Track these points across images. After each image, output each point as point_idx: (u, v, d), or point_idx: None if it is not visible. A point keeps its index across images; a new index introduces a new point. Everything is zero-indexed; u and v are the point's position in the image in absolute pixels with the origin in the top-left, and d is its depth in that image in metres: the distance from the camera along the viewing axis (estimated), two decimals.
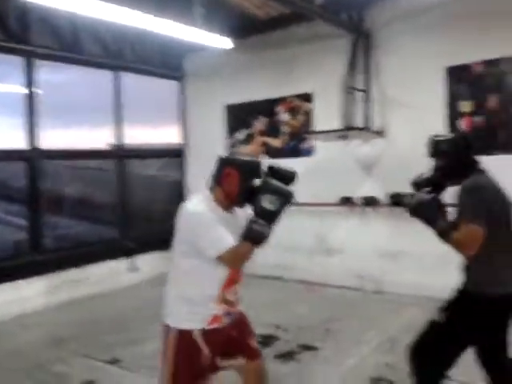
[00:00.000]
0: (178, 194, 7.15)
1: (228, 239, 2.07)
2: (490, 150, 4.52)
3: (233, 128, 6.63)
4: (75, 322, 4.85)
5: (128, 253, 6.27)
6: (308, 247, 5.93)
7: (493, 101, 4.75)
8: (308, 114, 5.91)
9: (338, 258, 5.75)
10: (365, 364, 3.49)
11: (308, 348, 3.84)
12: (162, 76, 6.88)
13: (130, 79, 6.41)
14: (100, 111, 6.23)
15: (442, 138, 2.49)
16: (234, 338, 2.26)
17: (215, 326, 2.18)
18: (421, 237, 3.05)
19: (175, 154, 7.16)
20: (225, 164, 2.19)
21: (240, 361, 2.29)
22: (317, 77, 5.79)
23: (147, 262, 6.46)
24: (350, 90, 5.35)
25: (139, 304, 5.46)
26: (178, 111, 7.17)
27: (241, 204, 2.22)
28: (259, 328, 4.34)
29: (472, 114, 4.85)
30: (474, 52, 4.82)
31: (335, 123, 5.36)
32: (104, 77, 6.19)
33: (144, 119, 6.73)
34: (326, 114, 5.66)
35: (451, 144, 2.42)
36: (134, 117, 6.49)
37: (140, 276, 6.32)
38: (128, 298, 5.71)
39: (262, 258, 6.14)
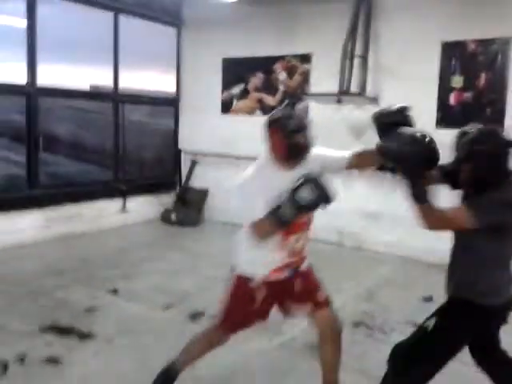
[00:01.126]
0: (170, 142, 7.31)
1: (253, 213, 2.17)
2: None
3: (229, 82, 6.74)
4: (71, 256, 5.11)
5: (120, 194, 6.47)
6: None
7: (483, 78, 5.03)
8: (305, 75, 6.08)
9: (321, 214, 6.07)
10: (345, 310, 3.85)
11: None
12: (161, 22, 6.87)
13: (129, 23, 6.40)
14: (97, 52, 6.24)
15: (481, 137, 2.05)
16: (296, 291, 2.40)
17: (273, 277, 2.34)
18: (401, 200, 3.26)
19: (169, 103, 7.25)
20: (268, 124, 2.28)
21: (305, 309, 2.42)
22: (317, 39, 5.92)
23: (138, 205, 6.69)
24: (348, 54, 5.52)
25: (130, 244, 5.74)
26: (173, 59, 7.20)
27: (293, 160, 2.26)
28: None
29: (462, 89, 5.13)
30: (469, 30, 5.04)
31: (331, 86, 5.56)
32: (103, 18, 6.17)
33: (140, 64, 6.76)
34: (322, 76, 5.84)
35: (493, 147, 2.02)
36: (131, 61, 6.52)
37: (130, 217, 6.55)
38: (119, 238, 5.98)
39: None
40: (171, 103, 7.25)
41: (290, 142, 2.22)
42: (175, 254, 5.39)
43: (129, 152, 6.68)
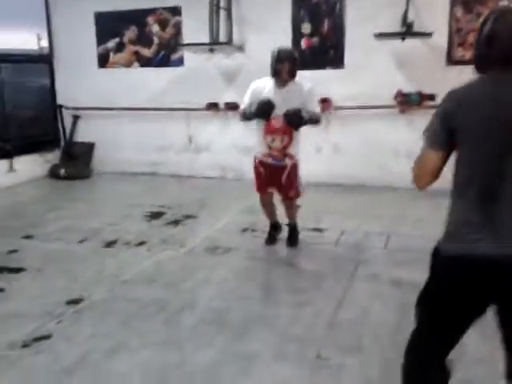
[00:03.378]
0: (48, 99, 7.39)
1: (244, 103, 3.75)
2: (322, 65, 5.91)
3: (103, 36, 6.99)
4: None
5: (5, 155, 6.54)
6: (178, 146, 6.92)
7: (326, 25, 6.05)
8: (177, 27, 6.60)
9: (204, 154, 6.87)
10: (234, 222, 4.77)
11: (189, 217, 4.99)
12: None
13: None
14: None
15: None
16: (274, 175, 3.77)
17: (263, 159, 3.77)
18: None
19: (43, 60, 7.27)
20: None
21: (281, 195, 3.93)
22: None
23: (24, 164, 6.81)
24: (214, 7, 6.16)
25: (26, 200, 5.98)
26: (40, 15, 7.17)
27: (277, 81, 3.62)
28: (148, 208, 5.38)
29: (310, 35, 6.11)
30: None
31: (202, 37, 6.18)
32: None
33: (5, 23, 6.68)
34: (193, 28, 6.40)
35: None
36: None
37: (19, 177, 6.68)
38: (13, 196, 6.14)
39: (136, 158, 7.02)
40: (45, 60, 7.28)
41: (274, 66, 3.56)
42: (74, 203, 5.79)
43: (8, 113, 6.71)
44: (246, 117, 3.72)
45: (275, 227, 4.17)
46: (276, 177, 3.80)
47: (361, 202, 5.37)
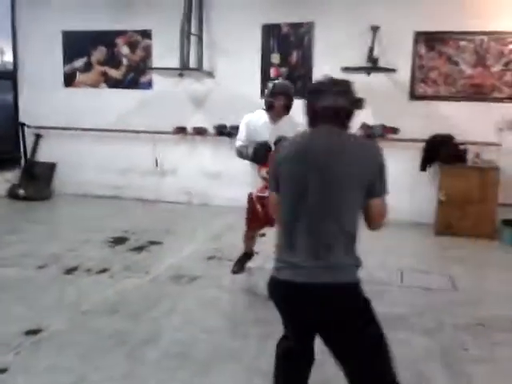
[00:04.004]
0: (9, 116, 7.17)
1: (240, 139, 3.61)
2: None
3: (70, 55, 6.89)
4: None
5: None
6: (143, 169, 6.83)
7: (294, 56, 6.18)
8: (147, 50, 6.59)
9: (170, 178, 6.80)
10: (200, 250, 4.71)
11: (154, 243, 4.90)
12: None
13: None
14: None
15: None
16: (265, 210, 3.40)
17: (260, 193, 3.53)
18: (235, 160, 3.90)
19: (6, 76, 7.09)
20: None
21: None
22: (155, 16, 6.45)
23: None
24: (185, 33, 6.20)
25: None
26: (4, 28, 7.01)
27: (270, 115, 3.55)
28: (111, 232, 5.26)
29: (279, 65, 6.22)
30: (283, 15, 6.11)
31: (172, 61, 6.20)
32: None
33: None
34: (164, 52, 6.41)
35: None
36: None
37: None
38: None
39: (99, 180, 6.89)
40: (8, 76, 7.10)
41: (268, 100, 3.49)
42: (32, 225, 5.59)
43: None
44: (243, 157, 3.59)
45: (248, 255, 4.02)
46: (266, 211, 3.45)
47: None
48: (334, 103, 1.80)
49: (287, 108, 3.50)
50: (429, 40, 5.66)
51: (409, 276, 4.14)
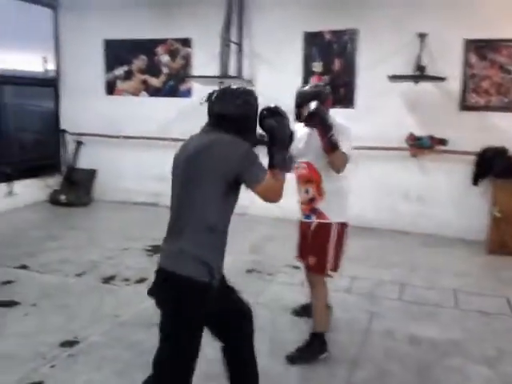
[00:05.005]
0: (51, 123, 7.29)
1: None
2: (332, 104, 5.83)
3: (112, 63, 6.95)
4: None
5: (5, 178, 6.39)
6: None
7: (337, 64, 6.02)
8: (187, 58, 6.57)
9: None
10: (238, 261, 4.58)
11: None
12: (36, 3, 6.79)
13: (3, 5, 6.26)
14: None
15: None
16: (302, 236, 3.03)
17: (300, 215, 3.00)
18: None
19: (49, 84, 7.21)
20: None
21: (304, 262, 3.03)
22: (196, 24, 6.42)
23: (24, 188, 6.66)
24: (225, 41, 6.15)
25: (24, 226, 5.80)
26: (47, 38, 7.13)
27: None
28: (149, 241, 5.20)
29: (321, 73, 6.07)
30: (326, 22, 5.97)
31: (212, 69, 6.14)
32: None
33: (15, 45, 6.64)
34: (203, 60, 6.36)
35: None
36: (5, 43, 6.39)
37: (18, 201, 6.51)
38: (11, 221, 5.97)
39: (138, 187, 6.87)
40: (51, 84, 7.21)
41: (295, 111, 2.89)
42: (72, 231, 5.61)
43: (11, 135, 6.60)
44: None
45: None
46: (303, 239, 3.03)
47: (371, 246, 5.19)
48: (218, 110, 2.05)
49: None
50: (480, 48, 5.39)
51: (463, 298, 3.86)
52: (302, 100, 2.90)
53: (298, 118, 2.94)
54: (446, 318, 3.46)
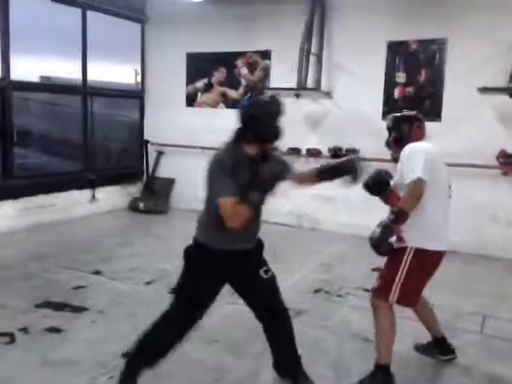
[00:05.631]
0: (136, 133, 7.61)
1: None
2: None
3: (193, 76, 7.12)
4: (49, 243, 5.38)
5: (89, 185, 6.75)
6: None
7: (423, 75, 5.68)
8: (265, 70, 6.55)
9: (281, 201, 6.61)
10: (307, 279, 4.43)
11: None
12: (126, 18, 7.15)
13: (96, 19, 6.66)
14: (67, 47, 6.47)
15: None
16: None
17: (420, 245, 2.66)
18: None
19: (135, 95, 7.54)
20: None
21: None
22: (276, 36, 6.40)
23: (106, 194, 6.99)
24: (305, 52, 6.04)
25: (103, 231, 6.07)
26: (139, 54, 7.49)
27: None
28: None
29: (405, 84, 5.76)
30: (411, 31, 5.67)
31: (289, 81, 6.06)
32: (70, 14, 6.39)
33: (106, 58, 7.02)
34: (281, 72, 6.33)
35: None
36: (97, 55, 6.78)
37: (100, 206, 6.85)
38: (91, 226, 6.28)
39: None
40: (137, 96, 7.54)
41: None
42: (147, 239, 5.76)
43: (97, 143, 6.96)
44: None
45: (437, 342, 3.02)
46: None
47: (452, 271, 4.77)
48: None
49: (396, 142, 2.84)
50: None
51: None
52: (387, 127, 2.94)
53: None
54: (473, 348, 3.07)
